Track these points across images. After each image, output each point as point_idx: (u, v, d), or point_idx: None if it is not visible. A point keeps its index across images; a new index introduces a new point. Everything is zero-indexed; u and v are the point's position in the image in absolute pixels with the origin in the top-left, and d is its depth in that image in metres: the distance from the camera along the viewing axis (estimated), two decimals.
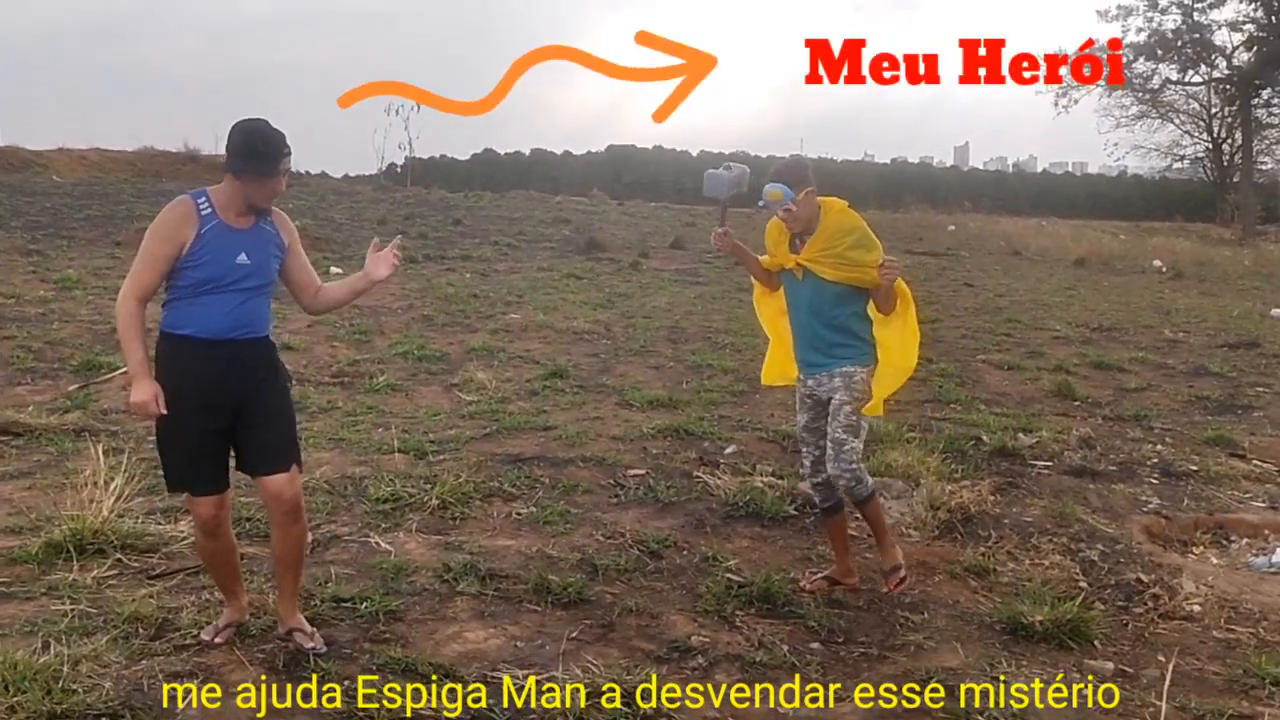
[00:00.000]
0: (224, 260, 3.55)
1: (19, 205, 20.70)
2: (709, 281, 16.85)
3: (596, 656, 3.89)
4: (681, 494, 5.86)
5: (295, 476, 3.73)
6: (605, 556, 4.87)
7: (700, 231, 26.67)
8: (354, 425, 7.20)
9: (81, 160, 37.47)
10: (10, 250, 14.80)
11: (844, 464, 4.37)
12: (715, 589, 4.57)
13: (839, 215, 4.44)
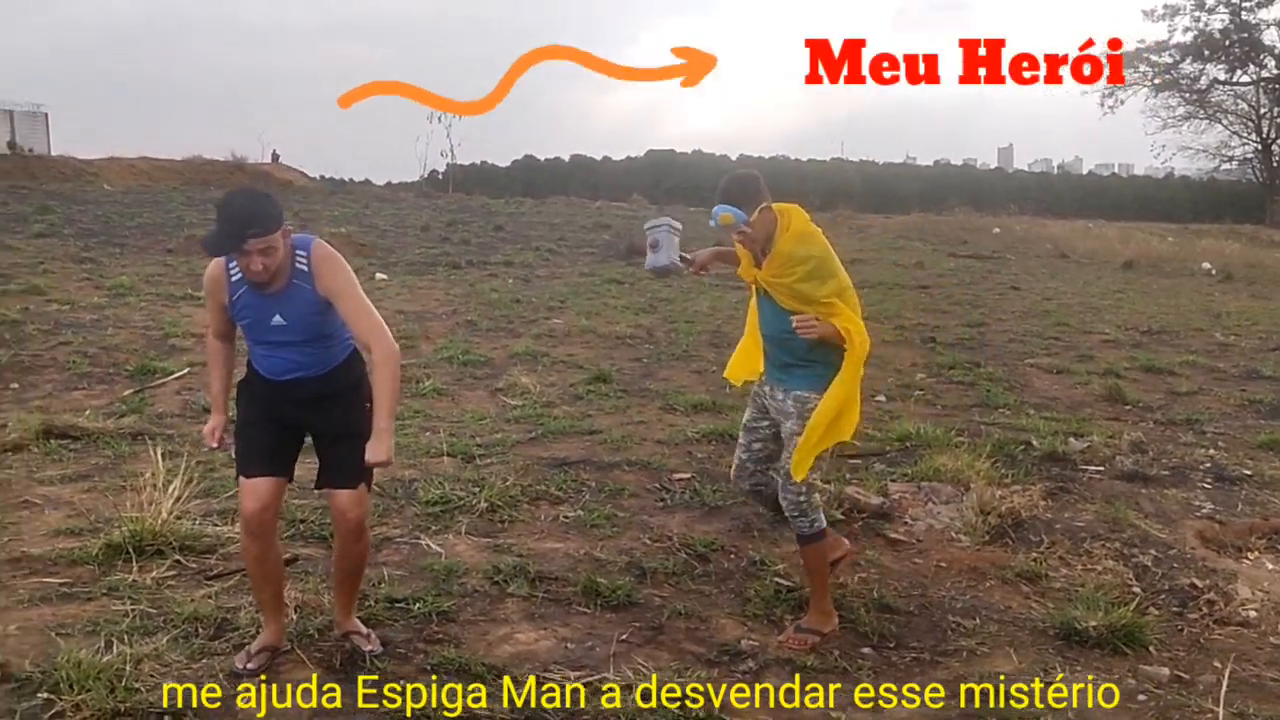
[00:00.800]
0: (261, 322, 3.57)
1: (72, 214, 21.10)
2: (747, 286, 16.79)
3: (646, 659, 3.91)
4: (727, 498, 5.87)
5: (362, 497, 3.69)
6: (653, 559, 4.89)
7: None
8: (402, 429, 7.26)
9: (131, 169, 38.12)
10: (64, 258, 15.08)
11: (791, 497, 4.16)
12: (764, 593, 4.57)
13: (794, 240, 4.04)
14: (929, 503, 5.81)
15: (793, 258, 4.02)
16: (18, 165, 35.88)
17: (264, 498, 3.62)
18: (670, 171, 53.10)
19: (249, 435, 3.68)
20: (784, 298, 4.06)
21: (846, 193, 48.39)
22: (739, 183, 4.04)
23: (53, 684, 3.43)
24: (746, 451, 4.39)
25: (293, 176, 46.74)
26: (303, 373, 3.62)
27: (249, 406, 3.71)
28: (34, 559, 4.61)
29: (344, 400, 3.69)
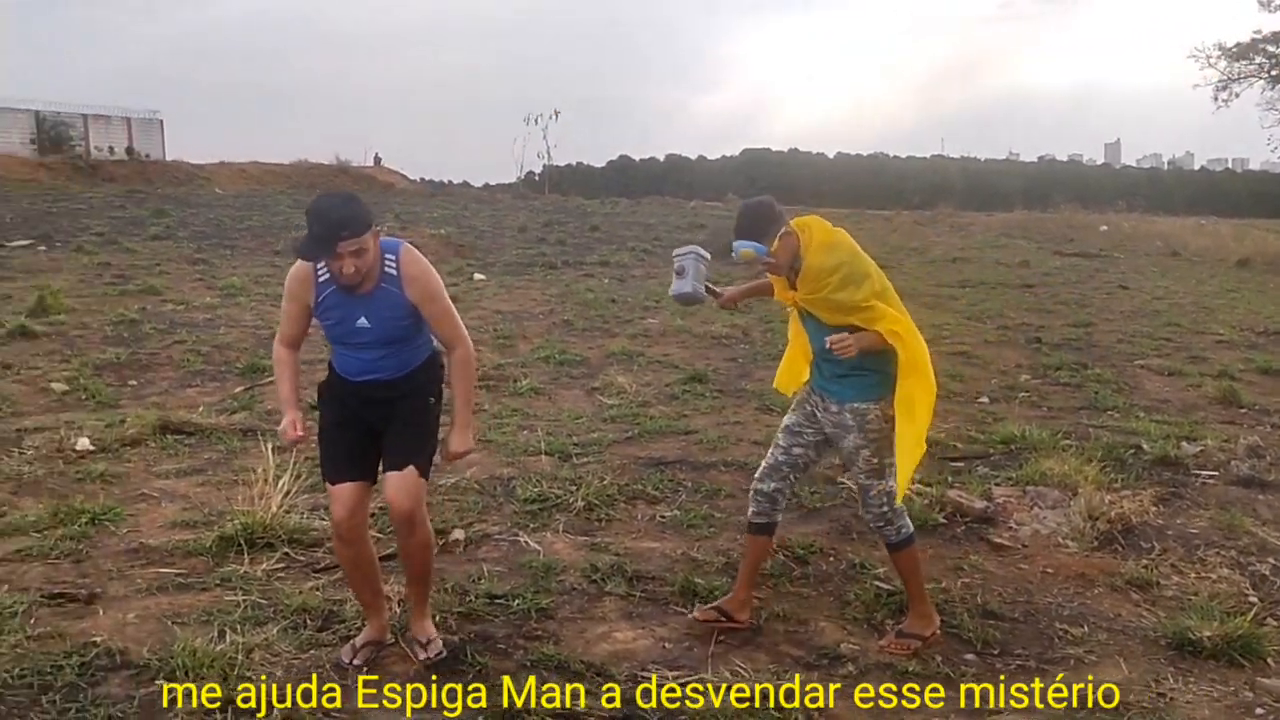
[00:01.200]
0: (345, 324, 3.60)
1: (185, 217, 21.88)
2: None
3: (744, 660, 3.90)
4: (826, 500, 5.81)
5: (411, 487, 3.64)
6: None
7: None
8: (500, 427, 7.36)
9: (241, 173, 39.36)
10: (179, 259, 15.64)
11: (874, 508, 4.10)
12: (864, 597, 4.51)
13: (819, 252, 3.92)
14: (1034, 507, 5.67)
15: (822, 270, 3.90)
16: (135, 170, 37.34)
17: (351, 503, 3.65)
18: (765, 170, 52.86)
19: (331, 440, 3.73)
20: (825, 312, 3.96)
21: (947, 190, 47.57)
22: (752, 215, 3.92)
23: (169, 671, 3.55)
24: (785, 454, 4.20)
25: (394, 179, 47.75)
26: (379, 375, 3.66)
27: (329, 408, 3.76)
28: (151, 550, 4.79)
29: (412, 398, 3.72)
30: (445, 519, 5.27)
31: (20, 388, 8.00)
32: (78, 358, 9.09)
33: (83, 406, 7.67)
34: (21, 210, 21.28)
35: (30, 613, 4.04)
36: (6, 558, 4.64)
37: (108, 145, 42.23)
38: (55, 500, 5.36)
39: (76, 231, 18.33)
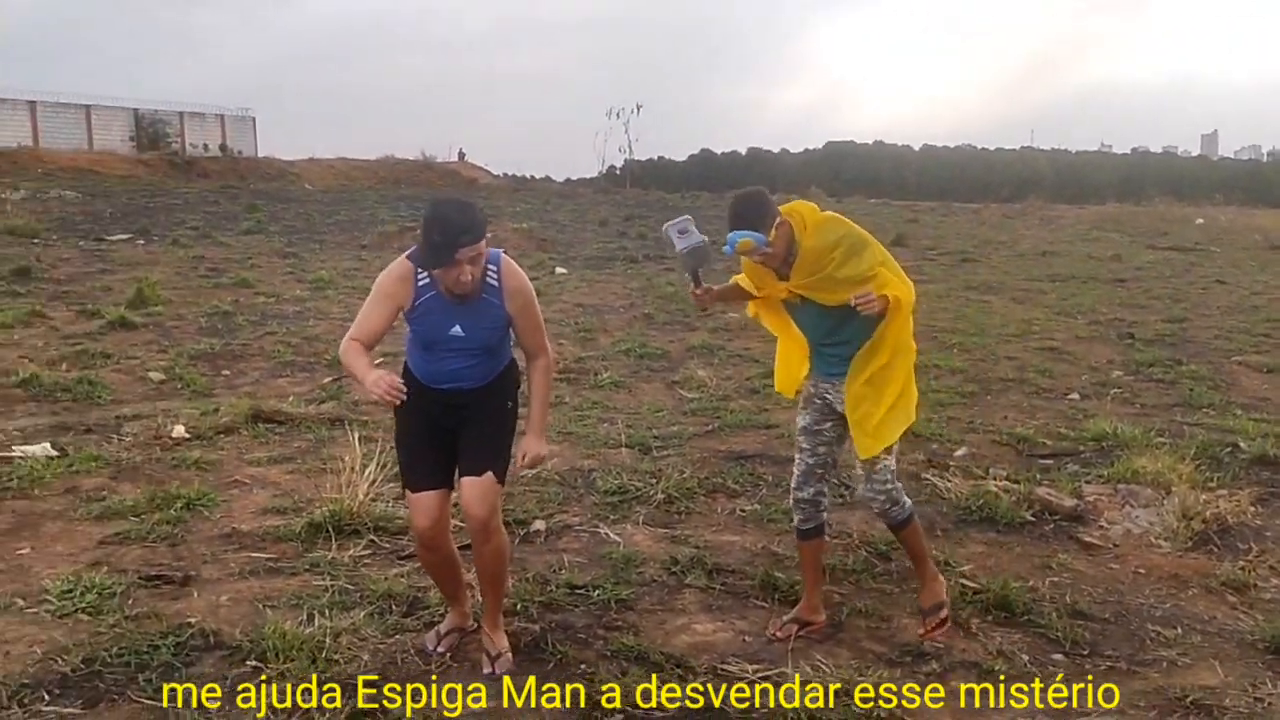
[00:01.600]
0: (438, 331, 3.53)
1: (276, 211, 22.40)
2: (932, 279, 16.38)
3: (826, 656, 3.86)
4: (909, 496, 5.71)
5: (488, 493, 3.57)
6: (832, 556, 4.82)
7: (924, 228, 26.00)
8: (581, 420, 7.40)
9: (330, 169, 40.16)
10: (270, 253, 16.03)
11: (877, 485, 3.95)
12: (949, 594, 4.43)
13: (815, 234, 3.79)
14: (1126, 506, 5.52)
15: (823, 249, 3.75)
16: (228, 166, 38.34)
17: (433, 512, 3.62)
18: (849, 163, 52.25)
19: (410, 448, 3.68)
20: (827, 294, 3.79)
21: (1036, 182, 46.56)
22: (749, 203, 3.78)
23: (260, 652, 3.64)
24: (813, 456, 4.08)
25: (477, 174, 48.35)
26: (462, 383, 3.61)
27: (407, 415, 3.63)
28: (243, 534, 4.92)
29: (490, 402, 3.68)
30: (527, 510, 5.32)
31: (120, 376, 8.27)
32: (174, 348, 9.38)
33: (178, 395, 7.90)
34: (121, 205, 22.00)
35: (129, 594, 4.18)
36: (106, 540, 4.80)
37: (203, 142, 43.46)
38: (152, 485, 5.53)
39: (173, 226, 18.89)
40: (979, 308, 13.68)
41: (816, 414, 4.05)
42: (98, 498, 5.39)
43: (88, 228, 17.87)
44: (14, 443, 6.30)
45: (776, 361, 4.32)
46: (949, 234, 24.90)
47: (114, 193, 24.95)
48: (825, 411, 4.03)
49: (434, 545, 3.69)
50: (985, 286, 15.77)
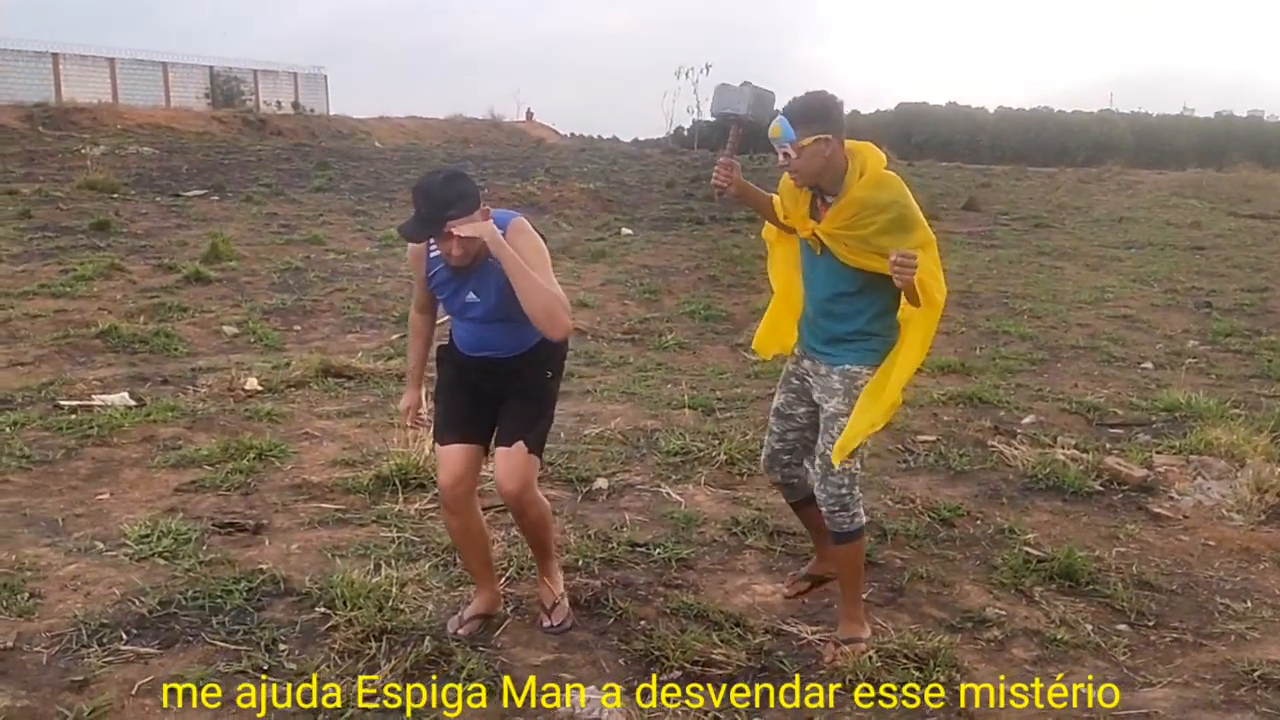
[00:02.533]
0: (456, 299, 3.52)
1: (347, 169, 22.65)
2: (1005, 244, 16.09)
3: (885, 620, 3.86)
4: (974, 463, 5.68)
5: (519, 467, 3.46)
6: (894, 521, 4.80)
7: (996, 192, 25.51)
8: (644, 380, 7.43)
9: (400, 127, 40.48)
10: (340, 210, 16.22)
11: (831, 489, 3.52)
12: (1012, 562, 4.40)
13: (873, 185, 3.35)
14: (1198, 477, 5.42)
15: (871, 204, 3.32)
16: (300, 124, 38.79)
17: (456, 469, 3.53)
18: (922, 125, 51.31)
19: (445, 401, 3.64)
20: (852, 253, 3.38)
21: (1115, 147, 45.34)
22: (803, 101, 3.30)
23: (329, 600, 3.74)
24: (780, 441, 3.77)
25: (545, 133, 48.37)
26: (494, 351, 3.56)
27: (446, 371, 3.68)
28: (313, 486, 5.03)
29: (527, 371, 3.58)
30: (590, 468, 5.36)
31: (195, 330, 8.47)
32: (247, 303, 9.57)
33: (251, 349, 8.08)
34: (197, 162, 22.39)
35: (203, 540, 4.31)
36: (181, 488, 4.94)
37: (275, 100, 43.97)
38: (226, 436, 5.67)
39: (246, 182, 19.19)
40: (1051, 274, 13.42)
41: (791, 395, 3.72)
42: (174, 446, 5.54)
43: (165, 183, 18.23)
44: (94, 392, 6.49)
45: (764, 320, 3.92)
46: (1022, 198, 24.40)
47: (190, 149, 25.40)
48: (801, 395, 3.68)
49: (456, 508, 3.58)
50: (1058, 252, 15.46)
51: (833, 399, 3.50)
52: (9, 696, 3.12)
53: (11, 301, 8.90)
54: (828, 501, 3.54)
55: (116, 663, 3.34)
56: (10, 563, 4.00)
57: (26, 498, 4.77)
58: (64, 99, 34.93)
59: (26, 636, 3.47)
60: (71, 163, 20.30)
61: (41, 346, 7.64)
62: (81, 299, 9.22)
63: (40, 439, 5.56)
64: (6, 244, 11.59)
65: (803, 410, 3.69)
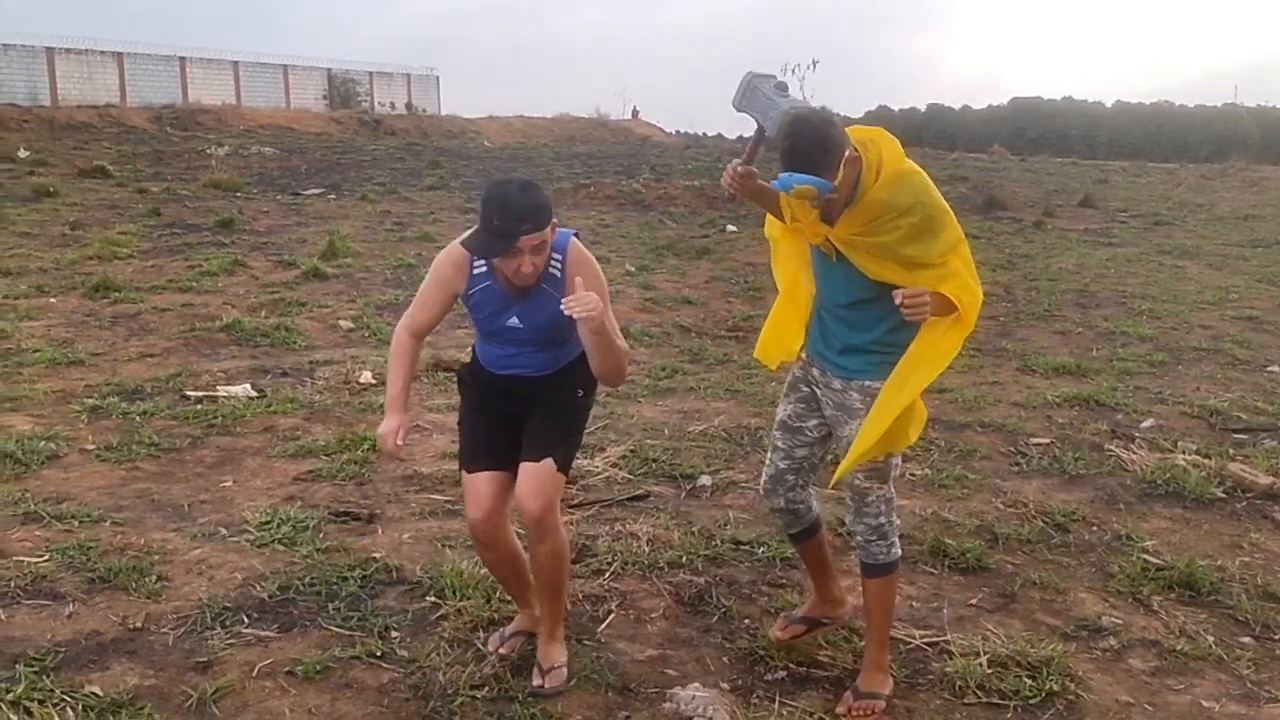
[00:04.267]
0: (495, 321, 3.24)
1: (457, 168, 23.08)
2: (1123, 243, 15.59)
3: (996, 626, 3.78)
4: (1091, 467, 5.52)
5: (545, 486, 3.17)
6: (1006, 525, 4.70)
7: (1114, 189, 24.73)
8: (748, 378, 7.40)
9: (507, 127, 41.06)
10: (450, 208, 16.53)
11: (869, 519, 3.20)
12: (1130, 569, 4.27)
13: (892, 184, 2.94)
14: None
15: (891, 207, 2.92)
16: (413, 124, 39.66)
17: (486, 501, 3.25)
18: (1036, 120, 49.92)
19: (471, 425, 3.40)
20: (872, 262, 3.01)
21: (1240, 141, 43.46)
22: (816, 142, 2.83)
23: (439, 589, 3.83)
24: (787, 459, 3.36)
25: (651, 131, 48.55)
26: (522, 370, 3.30)
27: (470, 394, 3.44)
28: (424, 477, 5.14)
29: (558, 390, 3.31)
30: (693, 465, 5.37)
31: (313, 324, 8.73)
32: (362, 298, 9.82)
33: (365, 343, 8.28)
34: (315, 161, 23.07)
35: (320, 528, 4.45)
36: (300, 477, 5.11)
37: (390, 101, 45.02)
38: (341, 427, 5.84)
39: (361, 181, 19.70)
40: (1172, 273, 12.97)
41: (800, 406, 3.32)
42: (293, 437, 5.73)
43: (284, 182, 18.82)
44: (219, 383, 6.74)
45: (767, 323, 3.48)
46: (1142, 195, 23.60)
47: (308, 149, 26.17)
48: (811, 405, 3.30)
49: (489, 541, 3.32)
50: (1180, 251, 14.92)
51: (853, 421, 3.13)
52: (138, 675, 3.27)
53: (142, 296, 9.30)
54: (864, 532, 3.22)
55: (238, 645, 3.47)
56: (140, 546, 4.19)
57: (155, 484, 4.99)
58: (190, 101, 36.34)
59: (154, 618, 3.63)
60: (197, 162, 21.12)
61: (169, 339, 7.97)
62: (207, 294, 9.58)
63: (168, 428, 5.81)
64: (137, 240, 12.11)
65: (814, 423, 3.30)
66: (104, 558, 4.05)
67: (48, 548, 4.12)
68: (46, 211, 13.84)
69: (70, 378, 6.80)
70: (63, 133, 26.67)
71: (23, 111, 28.65)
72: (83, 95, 34.21)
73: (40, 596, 3.75)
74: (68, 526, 4.37)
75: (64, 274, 10.15)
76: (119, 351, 7.57)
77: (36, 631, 3.50)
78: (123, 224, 13.11)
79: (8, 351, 7.36)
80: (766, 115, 2.97)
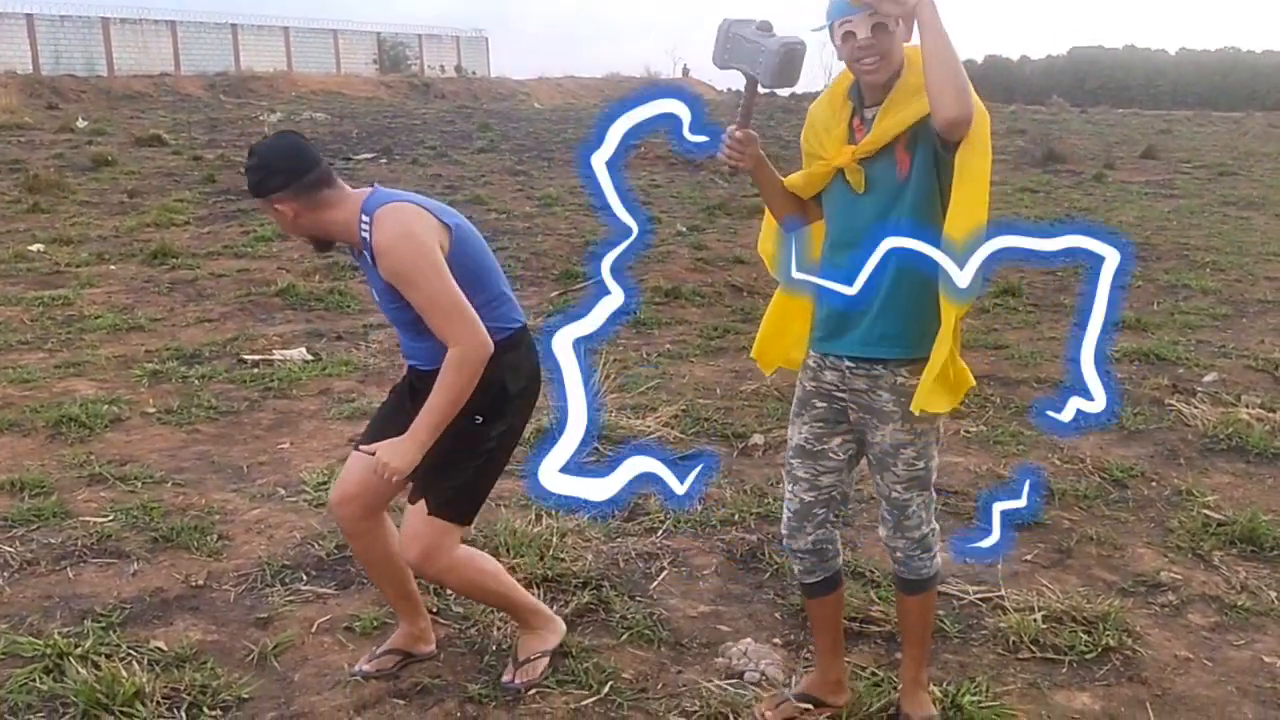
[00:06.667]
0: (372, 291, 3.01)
1: (508, 130, 23.07)
2: (1185, 194, 15.21)
3: (1052, 581, 3.74)
4: (1150, 422, 5.43)
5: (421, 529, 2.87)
6: (1062, 481, 4.65)
7: (1177, 139, 24.11)
8: None
9: (558, 88, 40.95)
10: (501, 171, 16.55)
11: (911, 532, 2.79)
12: (1189, 525, 4.20)
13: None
14: None
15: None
16: (463, 87, 39.69)
17: (347, 486, 3.00)
18: (1096, 70, 48.77)
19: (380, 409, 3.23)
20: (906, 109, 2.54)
21: None
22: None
23: (493, 548, 3.85)
24: (812, 490, 2.82)
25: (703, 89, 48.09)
26: (412, 361, 3.00)
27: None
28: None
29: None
30: (745, 424, 5.36)
31: (365, 288, 8.80)
32: None
33: None
34: (366, 125, 23.18)
35: None
36: (355, 438, 5.15)
37: (439, 64, 45.06)
38: None
39: (412, 145, 19.76)
40: (1237, 224, 12.64)
41: (818, 426, 2.79)
42: (348, 399, 5.80)
43: (336, 147, 18.93)
44: (274, 347, 6.84)
45: (766, 316, 2.97)
46: (1206, 145, 22.99)
47: (359, 114, 26.30)
48: (830, 422, 2.77)
49: (348, 529, 3.05)
50: (1245, 202, 14.53)
51: (885, 426, 2.68)
52: (201, 630, 3.36)
53: (199, 262, 9.44)
54: (906, 547, 2.80)
55: (297, 602, 3.54)
56: (201, 506, 4.28)
57: (214, 446, 5.08)
58: (242, 68, 36.66)
59: (216, 575, 3.72)
60: (250, 129, 21.30)
61: (226, 304, 8.09)
62: (262, 259, 9.70)
63: (226, 391, 5.91)
64: (193, 207, 12.27)
65: (838, 442, 2.79)
66: (166, 518, 4.15)
67: (112, 508, 4.23)
68: (105, 180, 14.06)
69: (131, 343, 6.94)
70: (119, 102, 27.07)
71: (80, 82, 29.12)
72: (138, 64, 34.68)
73: (106, 555, 3.85)
74: (131, 488, 4.47)
75: (123, 241, 10.33)
76: (177, 317, 7.71)
77: (103, 589, 3.60)
78: (179, 191, 13.28)
79: (71, 318, 7.52)
80: (755, 63, 2.54)
